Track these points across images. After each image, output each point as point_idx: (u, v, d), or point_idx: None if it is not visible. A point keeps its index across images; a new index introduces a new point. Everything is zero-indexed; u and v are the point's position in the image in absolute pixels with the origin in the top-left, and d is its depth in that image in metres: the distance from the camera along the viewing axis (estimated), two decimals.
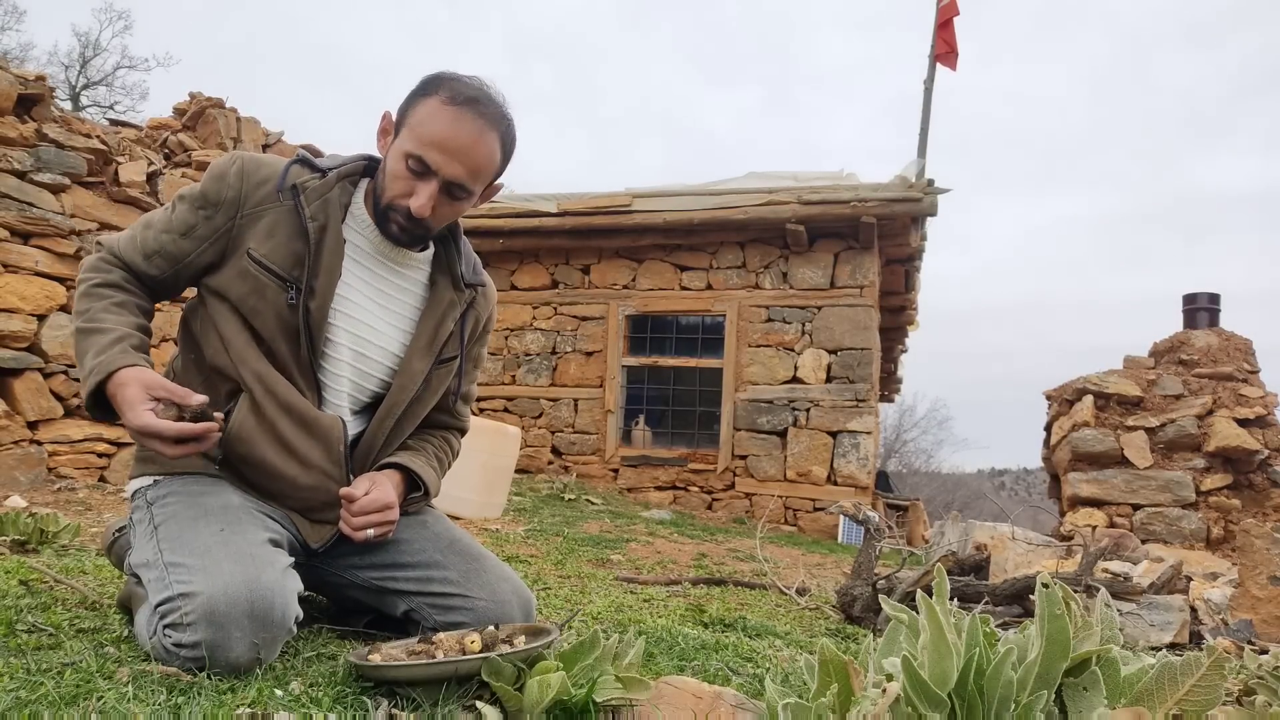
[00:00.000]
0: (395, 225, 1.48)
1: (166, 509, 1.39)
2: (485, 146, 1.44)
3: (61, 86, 17.36)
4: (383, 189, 1.47)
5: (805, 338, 7.21)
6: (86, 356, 1.37)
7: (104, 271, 1.49)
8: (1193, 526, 6.63)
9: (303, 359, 1.47)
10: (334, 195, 1.49)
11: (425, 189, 1.43)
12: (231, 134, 5.51)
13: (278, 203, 1.45)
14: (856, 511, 2.81)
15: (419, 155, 1.41)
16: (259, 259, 1.43)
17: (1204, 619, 2.62)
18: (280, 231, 1.44)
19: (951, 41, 7.88)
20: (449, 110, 1.41)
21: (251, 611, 1.20)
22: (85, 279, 1.48)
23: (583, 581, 2.76)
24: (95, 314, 1.42)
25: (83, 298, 1.46)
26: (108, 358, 1.34)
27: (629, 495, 7.42)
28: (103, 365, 1.33)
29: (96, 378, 1.33)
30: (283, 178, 1.46)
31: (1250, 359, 7.15)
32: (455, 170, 1.43)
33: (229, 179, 1.46)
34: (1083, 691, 0.91)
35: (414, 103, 1.44)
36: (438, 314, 1.59)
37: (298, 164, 1.49)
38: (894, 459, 25.35)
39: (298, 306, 1.44)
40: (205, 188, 1.47)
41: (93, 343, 1.38)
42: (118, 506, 3.80)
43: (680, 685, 1.15)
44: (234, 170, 1.46)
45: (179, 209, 1.48)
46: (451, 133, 1.41)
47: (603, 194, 7.66)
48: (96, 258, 1.51)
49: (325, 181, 1.48)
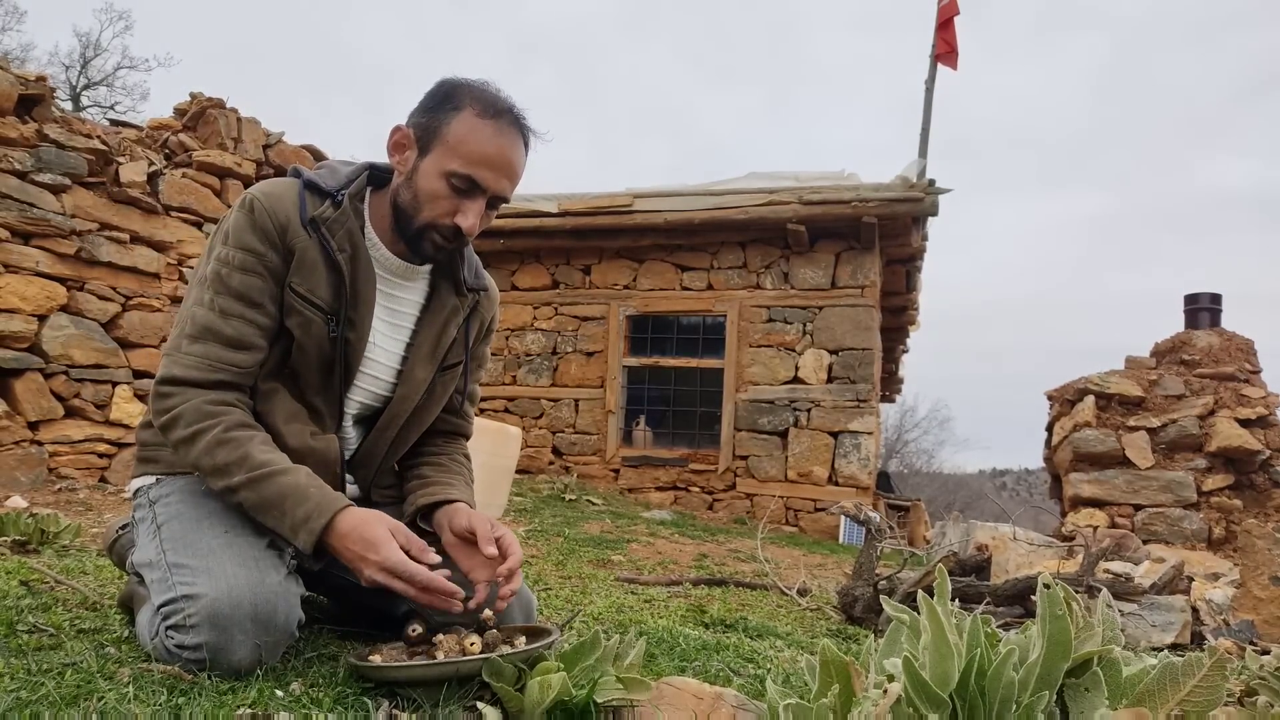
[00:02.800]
0: (431, 245, 1.44)
1: (170, 508, 1.38)
2: (522, 157, 1.44)
3: (62, 87, 17.39)
4: (415, 209, 1.42)
5: (806, 338, 7.21)
6: (286, 501, 1.27)
7: (221, 414, 1.32)
8: (1194, 527, 6.62)
9: (333, 389, 1.45)
10: (354, 223, 1.44)
11: (473, 207, 1.41)
12: (232, 134, 5.51)
13: (303, 237, 1.39)
14: (858, 512, 2.81)
15: (468, 175, 1.38)
16: (303, 294, 1.39)
17: (1206, 619, 2.62)
18: (316, 264, 1.40)
19: (952, 41, 7.88)
20: (489, 125, 1.39)
21: (255, 615, 1.19)
22: (204, 428, 1.31)
23: (583, 582, 2.76)
24: (256, 458, 1.29)
25: (218, 446, 1.30)
26: (323, 497, 1.28)
27: (630, 496, 7.42)
28: (325, 505, 1.27)
29: (323, 518, 1.26)
30: (302, 209, 1.39)
31: (1252, 359, 7.15)
32: (502, 185, 1.42)
33: (261, 223, 1.37)
34: (1084, 692, 0.91)
35: (443, 117, 1.39)
36: (440, 321, 1.57)
37: (305, 190, 1.42)
38: (895, 459, 25.36)
39: (338, 339, 1.42)
40: (246, 244, 1.36)
41: (284, 485, 1.28)
42: (118, 507, 3.80)
43: (681, 686, 1.15)
44: (259, 212, 1.37)
45: (237, 282, 1.36)
46: (496, 149, 1.39)
47: (604, 194, 7.66)
48: (199, 402, 1.32)
49: (342, 210, 1.43)
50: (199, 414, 1.31)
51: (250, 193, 1.41)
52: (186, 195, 5.15)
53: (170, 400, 1.33)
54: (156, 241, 4.94)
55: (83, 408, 4.55)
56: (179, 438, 1.32)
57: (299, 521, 1.26)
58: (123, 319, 4.78)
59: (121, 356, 4.74)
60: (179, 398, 1.33)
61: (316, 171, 1.49)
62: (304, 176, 1.45)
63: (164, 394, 1.34)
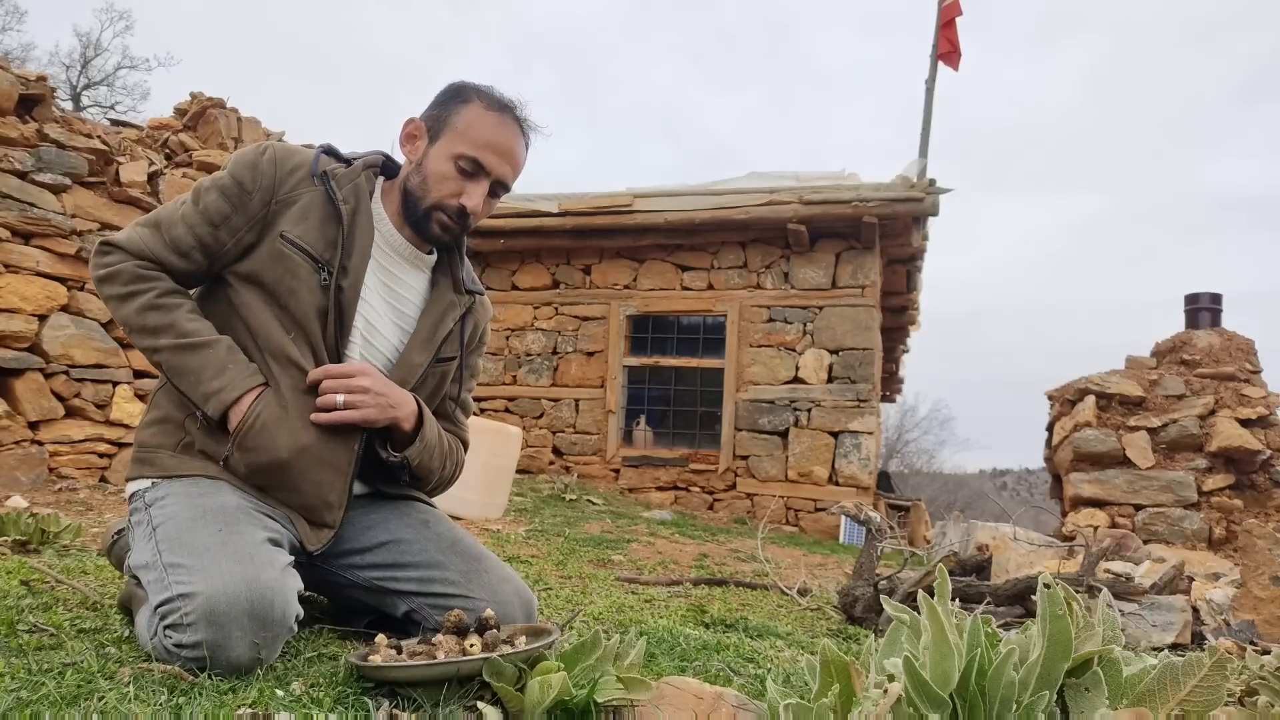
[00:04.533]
0: (438, 225, 1.54)
1: (165, 510, 1.39)
2: (523, 149, 1.57)
3: (62, 87, 17.38)
4: (424, 190, 1.52)
5: (807, 338, 7.21)
6: (205, 371, 1.40)
7: (155, 279, 1.45)
8: (1195, 527, 6.62)
9: (329, 339, 1.48)
10: (362, 182, 1.54)
11: (477, 189, 1.52)
12: (233, 134, 5.51)
13: (310, 187, 1.49)
14: (858, 512, 2.81)
15: (473, 156, 1.50)
16: (294, 240, 1.46)
17: (1206, 619, 2.62)
18: (313, 214, 1.48)
19: (954, 41, 7.88)
20: (494, 115, 1.52)
21: (251, 610, 1.20)
22: (138, 289, 1.43)
23: (584, 582, 2.76)
24: (183, 326, 1.42)
25: (150, 310, 1.42)
26: (237, 374, 1.41)
27: (630, 495, 7.42)
28: (237, 383, 1.41)
29: (233, 393, 1.40)
30: (315, 162, 1.51)
31: (1252, 359, 7.14)
32: (505, 170, 1.54)
33: (262, 165, 1.48)
34: (1085, 692, 0.91)
35: (452, 109, 1.52)
36: (438, 311, 1.62)
37: (324, 154, 1.54)
38: (896, 459, 25.36)
39: (329, 287, 1.46)
40: (237, 175, 1.47)
41: (205, 356, 1.41)
42: (119, 507, 3.81)
43: (681, 686, 1.15)
44: (266, 157, 1.49)
45: (209, 200, 1.47)
46: (500, 135, 1.52)
47: (604, 194, 7.66)
48: (134, 265, 1.45)
49: (353, 169, 1.54)
50: (134, 276, 1.44)
51: (270, 141, 1.49)
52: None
53: (109, 256, 1.46)
54: None
55: (83, 408, 4.55)
56: (113, 293, 1.44)
57: (211, 391, 1.39)
58: None
59: (122, 356, 4.74)
60: (117, 256, 1.45)
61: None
62: (324, 146, 1.57)
63: (105, 249, 1.47)
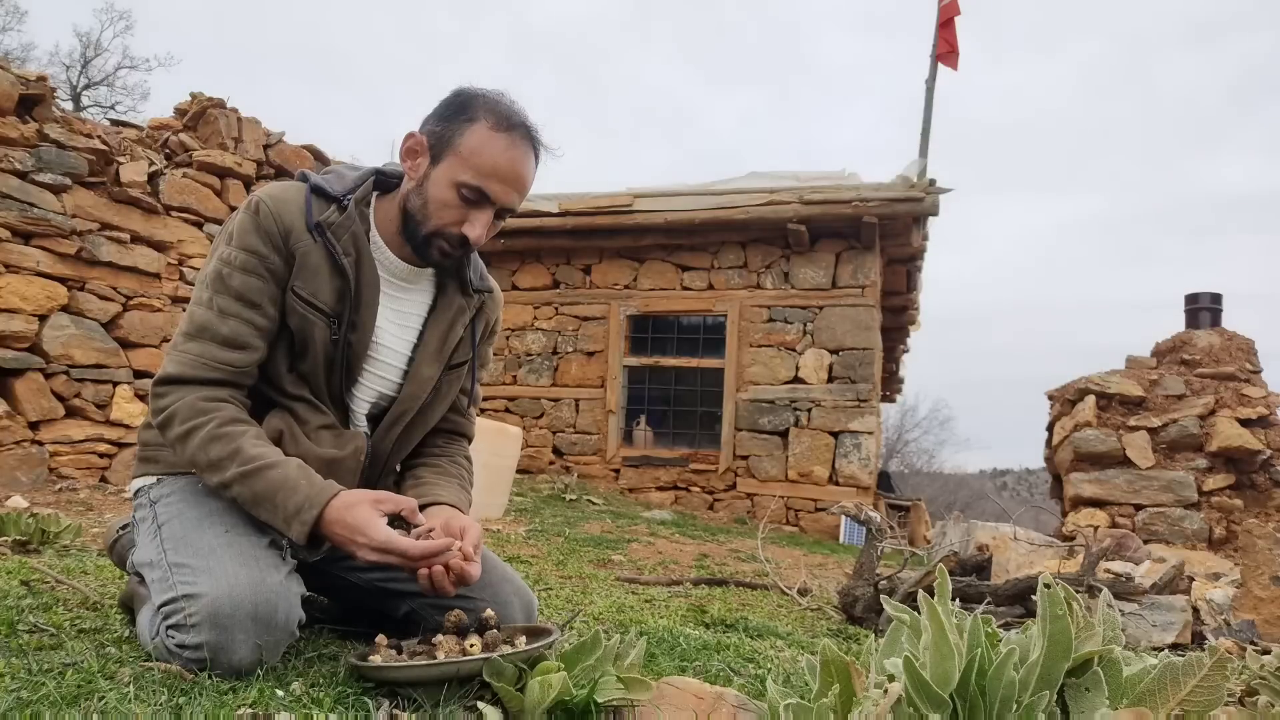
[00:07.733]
0: (438, 251, 1.46)
1: (170, 508, 1.39)
2: (532, 172, 1.47)
3: (63, 87, 17.38)
4: (424, 215, 1.43)
5: (807, 338, 7.21)
6: (278, 495, 1.29)
7: (214, 410, 1.34)
8: (1195, 527, 6.62)
9: (334, 387, 1.47)
10: (358, 227, 1.45)
11: (481, 218, 1.43)
12: (233, 134, 5.51)
13: (309, 241, 1.40)
14: (858, 512, 2.81)
15: (478, 186, 1.40)
16: (305, 297, 1.40)
17: (1206, 619, 2.61)
18: (319, 269, 1.41)
19: (953, 41, 7.88)
20: (502, 138, 1.41)
21: (255, 614, 1.19)
22: (198, 424, 1.32)
23: (584, 582, 2.76)
24: (249, 452, 1.31)
25: (212, 442, 1.31)
26: (311, 488, 1.29)
27: (630, 495, 7.42)
28: (315, 496, 1.29)
29: (315, 510, 1.28)
30: (308, 213, 1.41)
31: (1252, 359, 7.14)
32: (511, 198, 1.44)
33: (265, 225, 1.38)
34: (1085, 692, 0.91)
35: (457, 128, 1.41)
36: (447, 319, 1.58)
37: (312, 194, 1.43)
38: (896, 459, 25.36)
39: (340, 341, 1.43)
40: (249, 247, 1.38)
41: (275, 479, 1.29)
42: (119, 507, 3.81)
43: (682, 686, 1.15)
44: (264, 214, 1.39)
45: (236, 285, 1.37)
46: (508, 162, 1.41)
47: (604, 194, 7.66)
48: (193, 398, 1.34)
49: (348, 214, 1.44)
50: (193, 410, 1.33)
51: (256, 195, 1.43)
52: (187, 195, 5.15)
53: (166, 398, 1.35)
54: (157, 241, 4.94)
55: (83, 408, 4.56)
56: (175, 435, 1.34)
57: (291, 514, 1.28)
58: (123, 319, 4.78)
59: (122, 356, 4.74)
60: (174, 395, 1.35)
61: (323, 176, 1.49)
62: (311, 181, 1.46)
63: (160, 392, 1.37)
